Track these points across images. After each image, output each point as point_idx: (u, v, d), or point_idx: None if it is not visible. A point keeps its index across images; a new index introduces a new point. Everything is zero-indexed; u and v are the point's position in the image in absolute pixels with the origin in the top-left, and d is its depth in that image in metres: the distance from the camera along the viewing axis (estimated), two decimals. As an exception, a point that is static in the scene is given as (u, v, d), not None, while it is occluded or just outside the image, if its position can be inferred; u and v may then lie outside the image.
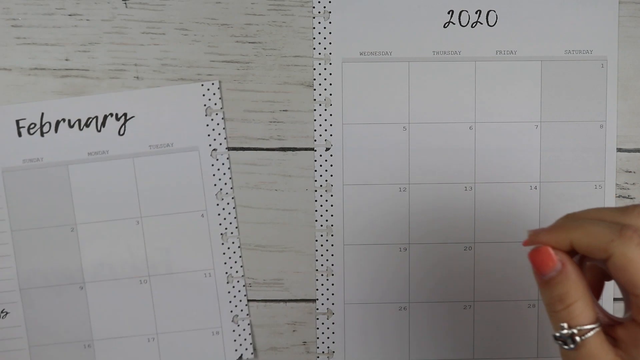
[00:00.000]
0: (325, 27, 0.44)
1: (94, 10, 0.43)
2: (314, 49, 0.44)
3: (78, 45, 0.44)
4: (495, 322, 0.44)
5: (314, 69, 0.44)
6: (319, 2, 0.44)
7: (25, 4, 0.43)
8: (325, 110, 0.44)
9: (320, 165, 0.44)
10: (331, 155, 0.44)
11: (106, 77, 0.43)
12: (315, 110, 0.44)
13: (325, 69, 0.43)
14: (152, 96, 0.43)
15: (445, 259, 0.44)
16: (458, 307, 0.44)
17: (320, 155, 0.44)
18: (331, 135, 0.44)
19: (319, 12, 0.44)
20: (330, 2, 0.43)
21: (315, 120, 0.44)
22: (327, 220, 0.44)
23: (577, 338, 0.28)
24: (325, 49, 0.43)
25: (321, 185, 0.44)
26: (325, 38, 0.44)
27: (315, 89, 0.44)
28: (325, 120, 0.44)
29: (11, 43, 0.44)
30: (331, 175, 0.44)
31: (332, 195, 0.44)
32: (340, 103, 0.43)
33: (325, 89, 0.44)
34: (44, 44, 0.44)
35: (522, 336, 0.44)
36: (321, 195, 0.44)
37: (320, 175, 0.44)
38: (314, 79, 0.44)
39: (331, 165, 0.44)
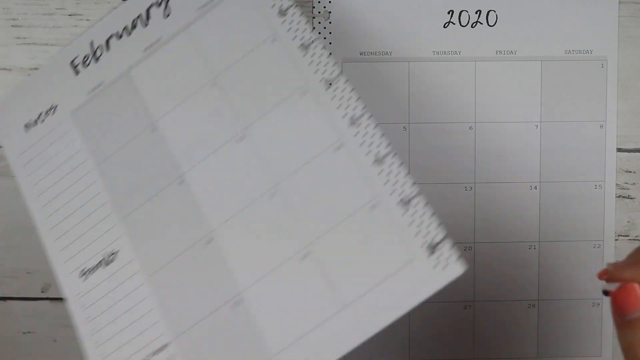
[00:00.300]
0: (325, 27, 0.44)
1: (94, 10, 0.44)
2: (314, 49, 0.44)
3: None
4: (495, 322, 0.44)
5: (314, 69, 0.44)
6: (319, 2, 0.44)
7: (25, 4, 0.43)
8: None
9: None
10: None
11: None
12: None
13: (325, 69, 0.43)
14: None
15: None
16: (458, 306, 0.44)
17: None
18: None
19: (319, 12, 0.44)
20: (330, 2, 0.43)
21: (315, 120, 0.44)
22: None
23: None
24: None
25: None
26: (325, 38, 0.44)
27: (315, 89, 0.44)
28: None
29: (11, 43, 0.44)
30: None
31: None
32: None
33: (325, 89, 0.43)
34: (44, 44, 0.44)
35: (522, 336, 0.44)
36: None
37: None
38: (314, 79, 0.44)
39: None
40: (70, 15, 0.43)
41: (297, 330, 0.35)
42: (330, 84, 0.37)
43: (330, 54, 0.41)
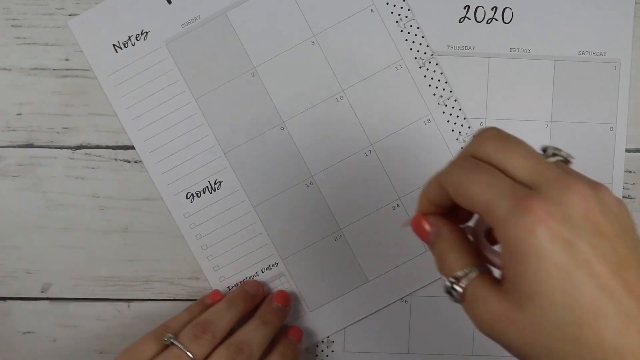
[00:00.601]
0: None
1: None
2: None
3: (78, 45, 0.43)
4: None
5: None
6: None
7: (25, 4, 0.43)
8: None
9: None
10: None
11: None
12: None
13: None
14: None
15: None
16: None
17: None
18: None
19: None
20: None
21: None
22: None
23: (457, 288, 0.28)
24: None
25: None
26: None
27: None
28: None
29: (11, 43, 0.43)
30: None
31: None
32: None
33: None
34: (44, 44, 0.43)
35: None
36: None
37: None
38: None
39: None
40: (70, 15, 0.43)
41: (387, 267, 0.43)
42: (422, 63, 0.43)
43: (424, 37, 0.43)
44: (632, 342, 0.26)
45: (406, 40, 0.43)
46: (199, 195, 0.43)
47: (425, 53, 0.43)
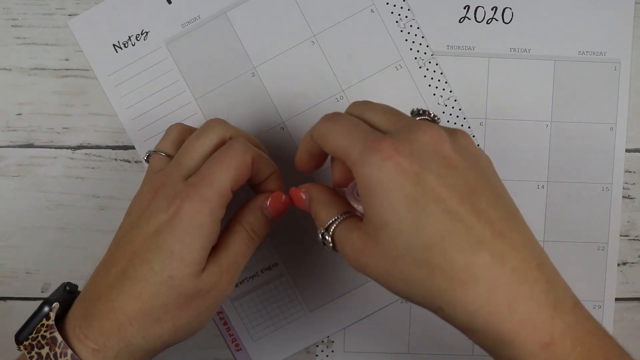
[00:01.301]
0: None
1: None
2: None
3: (78, 45, 0.43)
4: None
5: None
6: None
7: (25, 4, 0.43)
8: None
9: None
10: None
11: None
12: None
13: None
14: None
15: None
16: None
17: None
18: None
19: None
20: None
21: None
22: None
23: (328, 237, 0.32)
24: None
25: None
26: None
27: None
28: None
29: (11, 43, 0.43)
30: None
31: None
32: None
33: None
34: (44, 44, 0.43)
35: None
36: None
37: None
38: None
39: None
40: (70, 15, 0.43)
41: None
42: (422, 63, 0.43)
43: (424, 37, 0.43)
44: (481, 261, 0.27)
45: (406, 40, 0.43)
46: None
47: (425, 53, 0.43)
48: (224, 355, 0.44)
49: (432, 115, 0.33)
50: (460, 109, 0.43)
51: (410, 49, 0.43)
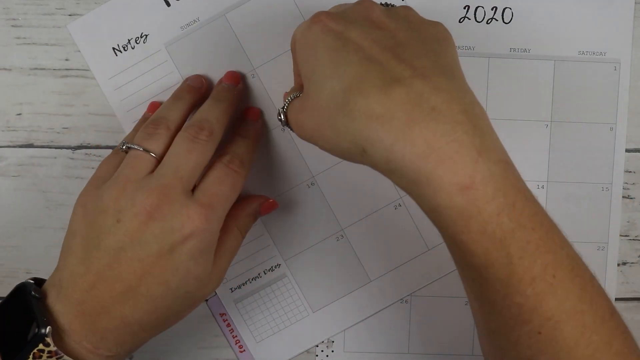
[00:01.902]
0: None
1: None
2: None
3: (78, 45, 0.43)
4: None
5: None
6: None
7: (25, 4, 0.43)
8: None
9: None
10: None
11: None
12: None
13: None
14: None
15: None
16: (459, 302, 0.44)
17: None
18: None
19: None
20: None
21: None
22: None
23: (282, 117, 0.35)
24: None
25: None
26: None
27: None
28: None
29: (11, 43, 0.43)
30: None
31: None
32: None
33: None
34: (44, 44, 0.43)
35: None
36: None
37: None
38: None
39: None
40: (70, 15, 0.43)
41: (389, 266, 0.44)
42: None
43: None
44: (396, 96, 0.28)
45: None
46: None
47: None
48: (224, 355, 0.44)
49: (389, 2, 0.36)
50: None
51: None
